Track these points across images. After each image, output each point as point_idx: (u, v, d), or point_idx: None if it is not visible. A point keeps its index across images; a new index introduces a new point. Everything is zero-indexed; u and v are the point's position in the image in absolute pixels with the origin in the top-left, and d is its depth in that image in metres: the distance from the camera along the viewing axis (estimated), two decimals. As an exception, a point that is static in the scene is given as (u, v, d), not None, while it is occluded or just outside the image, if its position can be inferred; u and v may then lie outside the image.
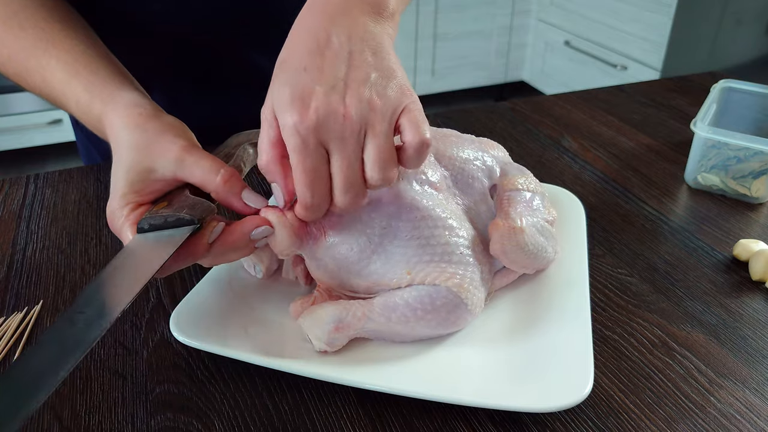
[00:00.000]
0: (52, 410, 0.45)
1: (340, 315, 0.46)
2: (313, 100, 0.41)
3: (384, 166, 0.42)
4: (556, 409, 0.41)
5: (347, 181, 0.42)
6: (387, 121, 0.42)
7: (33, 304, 0.55)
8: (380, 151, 0.42)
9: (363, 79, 0.42)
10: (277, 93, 0.42)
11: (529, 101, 0.96)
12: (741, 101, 0.78)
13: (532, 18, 2.95)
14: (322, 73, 0.42)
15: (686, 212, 0.68)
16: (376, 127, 0.42)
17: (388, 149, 0.42)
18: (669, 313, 0.53)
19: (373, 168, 0.42)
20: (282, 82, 0.42)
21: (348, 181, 0.42)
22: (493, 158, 0.56)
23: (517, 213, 0.52)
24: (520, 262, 0.52)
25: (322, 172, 0.42)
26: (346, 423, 0.44)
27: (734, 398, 0.45)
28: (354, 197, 0.43)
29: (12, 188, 0.72)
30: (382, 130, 0.42)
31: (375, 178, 0.42)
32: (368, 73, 0.42)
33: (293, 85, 0.42)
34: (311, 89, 0.41)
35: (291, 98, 0.41)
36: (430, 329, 0.47)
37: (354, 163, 0.42)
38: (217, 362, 0.48)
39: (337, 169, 0.42)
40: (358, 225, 0.48)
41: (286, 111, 0.41)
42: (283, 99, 0.42)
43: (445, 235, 0.48)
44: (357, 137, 0.41)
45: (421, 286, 0.46)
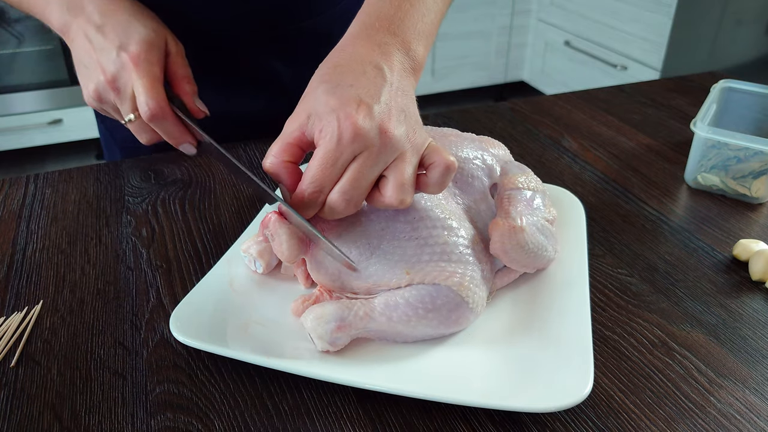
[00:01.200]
0: (52, 410, 0.45)
1: (343, 314, 0.46)
2: (362, 110, 0.43)
3: (405, 190, 0.45)
4: (556, 409, 0.41)
5: (352, 186, 0.44)
6: (417, 155, 0.45)
7: (33, 304, 0.55)
8: (407, 176, 0.45)
9: (403, 111, 0.46)
10: (322, 99, 0.45)
11: (529, 101, 0.96)
12: (741, 101, 0.78)
13: (532, 18, 2.95)
14: (370, 93, 0.45)
15: (686, 212, 0.68)
16: (406, 155, 0.45)
17: (411, 176, 0.45)
18: (669, 313, 0.53)
19: (395, 189, 0.44)
20: (327, 91, 0.45)
21: (353, 186, 0.44)
22: (493, 157, 0.56)
23: (517, 212, 0.52)
24: (521, 261, 0.52)
25: (334, 174, 0.44)
26: (346, 423, 0.44)
27: (734, 398, 0.45)
28: (347, 204, 0.45)
29: (12, 188, 0.72)
30: (412, 160, 0.45)
31: (393, 198, 0.45)
32: (406, 110, 0.46)
33: (341, 96, 0.44)
34: (360, 101, 0.44)
35: (340, 104, 0.44)
36: (432, 329, 0.47)
37: (367, 176, 0.44)
38: (217, 362, 0.48)
39: (351, 173, 0.44)
40: (357, 227, 0.48)
41: (332, 114, 0.44)
42: (331, 104, 0.44)
43: (444, 234, 0.48)
44: (386, 158, 0.44)
45: (421, 286, 0.46)
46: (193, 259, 0.60)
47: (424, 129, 0.48)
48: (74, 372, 0.48)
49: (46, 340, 0.51)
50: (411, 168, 0.45)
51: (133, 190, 0.72)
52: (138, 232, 0.64)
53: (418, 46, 0.51)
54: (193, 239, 0.63)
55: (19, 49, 2.30)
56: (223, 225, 0.65)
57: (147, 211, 0.68)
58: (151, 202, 0.69)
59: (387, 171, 0.45)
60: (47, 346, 0.50)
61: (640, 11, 2.32)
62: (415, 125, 0.46)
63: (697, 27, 2.21)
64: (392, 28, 0.50)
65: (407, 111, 0.46)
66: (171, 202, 0.69)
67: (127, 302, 0.55)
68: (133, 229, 0.65)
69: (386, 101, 0.45)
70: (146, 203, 0.69)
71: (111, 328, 0.52)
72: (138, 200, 0.70)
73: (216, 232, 0.64)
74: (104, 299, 0.55)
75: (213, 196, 0.70)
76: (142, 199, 0.70)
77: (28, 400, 0.46)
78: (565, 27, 2.74)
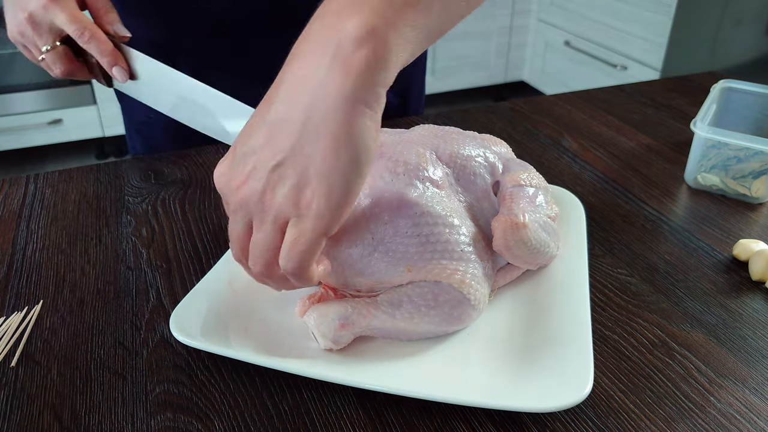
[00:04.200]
0: (52, 410, 0.45)
1: (346, 312, 0.46)
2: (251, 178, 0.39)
3: (290, 258, 0.40)
4: (556, 409, 0.41)
5: (255, 251, 0.42)
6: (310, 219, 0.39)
7: (33, 304, 0.55)
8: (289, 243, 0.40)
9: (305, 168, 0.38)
10: (236, 143, 0.41)
11: (529, 101, 0.96)
12: (741, 101, 0.78)
13: (532, 18, 2.95)
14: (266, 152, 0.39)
15: (686, 212, 0.68)
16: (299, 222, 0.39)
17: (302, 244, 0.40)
18: (669, 313, 0.53)
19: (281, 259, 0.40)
20: (239, 136, 0.41)
21: (257, 251, 0.41)
22: (495, 154, 0.56)
23: (519, 209, 0.52)
24: (523, 257, 0.52)
25: (243, 237, 0.42)
26: (346, 423, 0.44)
27: (734, 398, 0.45)
28: (261, 269, 0.42)
29: (12, 188, 0.72)
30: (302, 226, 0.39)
31: (282, 266, 0.41)
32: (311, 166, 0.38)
33: (232, 155, 0.41)
34: (250, 166, 0.39)
35: (229, 166, 0.41)
36: (434, 326, 0.47)
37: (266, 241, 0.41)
38: (217, 362, 0.48)
39: (252, 241, 0.42)
40: (360, 223, 0.48)
41: (222, 175, 0.41)
42: (222, 164, 0.42)
43: (446, 232, 0.48)
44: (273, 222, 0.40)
45: (423, 283, 0.47)
46: (193, 259, 0.60)
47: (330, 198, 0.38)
48: (74, 372, 0.48)
49: (46, 340, 0.51)
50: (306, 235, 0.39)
51: (133, 190, 0.72)
52: (138, 232, 0.64)
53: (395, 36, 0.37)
54: (193, 239, 0.63)
55: (19, 49, 2.30)
56: (223, 225, 0.65)
57: (147, 211, 0.68)
58: (151, 202, 0.69)
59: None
60: (47, 346, 0.50)
61: (640, 11, 2.32)
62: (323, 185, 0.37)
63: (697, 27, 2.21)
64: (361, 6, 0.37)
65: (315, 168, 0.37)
66: (171, 202, 0.69)
67: (127, 302, 0.55)
68: (133, 229, 0.65)
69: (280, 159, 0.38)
70: (146, 203, 0.69)
71: (111, 328, 0.52)
72: (138, 200, 0.70)
73: (216, 232, 0.64)
74: (104, 299, 0.55)
75: (213, 196, 0.70)
76: (142, 199, 0.70)
77: (28, 400, 0.46)
78: (565, 27, 2.74)
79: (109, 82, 0.65)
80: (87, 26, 0.60)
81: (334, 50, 0.36)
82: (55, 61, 0.63)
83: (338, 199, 0.38)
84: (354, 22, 0.36)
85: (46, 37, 0.62)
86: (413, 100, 0.95)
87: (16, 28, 0.63)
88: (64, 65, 0.63)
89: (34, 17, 0.60)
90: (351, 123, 0.36)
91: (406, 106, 0.94)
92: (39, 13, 0.60)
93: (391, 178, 0.48)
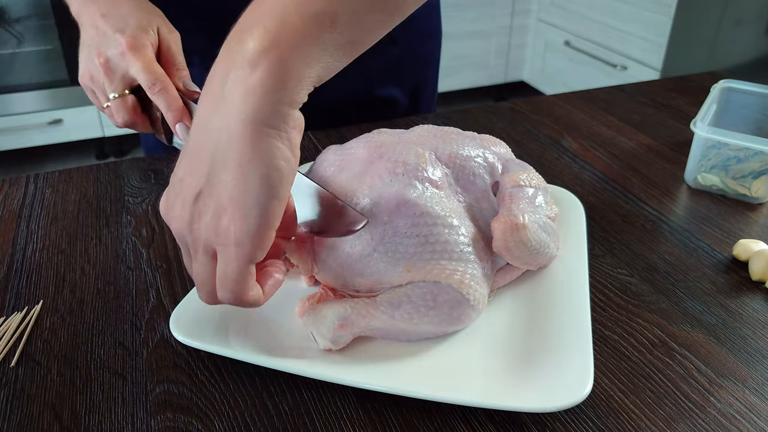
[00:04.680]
0: (52, 410, 0.45)
1: (345, 312, 0.46)
2: (180, 209, 0.40)
3: (225, 287, 0.40)
4: (556, 409, 0.41)
5: (196, 281, 0.42)
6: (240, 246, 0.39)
7: (33, 304, 0.55)
8: (224, 273, 0.40)
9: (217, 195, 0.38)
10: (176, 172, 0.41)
11: (529, 101, 0.96)
12: (741, 101, 0.78)
13: (532, 18, 2.95)
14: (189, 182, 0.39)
15: (686, 212, 0.68)
16: (225, 250, 0.39)
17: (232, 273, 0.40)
18: (669, 313, 0.53)
19: (218, 286, 0.41)
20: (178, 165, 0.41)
21: (197, 281, 0.42)
22: (494, 155, 0.56)
23: (519, 209, 0.52)
24: (523, 258, 0.52)
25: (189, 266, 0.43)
26: (346, 423, 0.44)
27: (734, 398, 0.45)
28: (206, 297, 0.42)
29: (12, 188, 0.72)
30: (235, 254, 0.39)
31: (220, 295, 0.41)
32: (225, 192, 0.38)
33: (170, 183, 0.41)
34: (179, 197, 0.40)
35: (166, 195, 0.42)
36: (434, 326, 0.47)
37: (202, 271, 0.41)
38: (217, 362, 0.48)
39: (192, 271, 0.42)
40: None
41: (162, 204, 0.42)
42: (164, 194, 0.42)
43: (445, 233, 0.48)
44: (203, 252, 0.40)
45: (422, 283, 0.47)
46: (193, 259, 0.60)
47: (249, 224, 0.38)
48: (74, 372, 0.48)
49: (46, 340, 0.51)
50: (231, 264, 0.39)
51: (133, 190, 0.72)
52: (138, 232, 0.64)
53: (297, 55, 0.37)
54: (193, 239, 0.63)
55: (19, 49, 2.30)
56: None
57: (147, 211, 0.68)
58: (151, 202, 0.69)
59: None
60: (47, 346, 0.50)
61: (640, 11, 2.31)
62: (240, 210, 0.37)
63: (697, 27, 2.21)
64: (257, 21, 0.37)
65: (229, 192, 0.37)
66: (171, 202, 0.69)
67: (127, 302, 0.55)
68: (133, 229, 0.65)
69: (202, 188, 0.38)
70: (146, 203, 0.69)
71: (111, 328, 0.52)
72: (138, 200, 0.70)
73: (216, 232, 0.64)
74: (104, 299, 0.55)
75: (213, 196, 0.70)
76: (142, 199, 0.70)
77: (28, 400, 0.46)
78: (565, 27, 2.74)
79: (169, 138, 0.62)
80: (160, 78, 0.58)
81: (232, 73, 0.36)
82: (119, 109, 0.61)
83: (255, 224, 0.37)
84: (249, 44, 0.36)
85: (116, 85, 0.60)
86: (425, 99, 0.96)
87: (88, 72, 0.61)
88: (127, 115, 0.61)
89: (109, 63, 0.59)
90: (255, 146, 0.36)
91: (417, 105, 0.95)
92: (116, 59, 0.58)
93: (390, 178, 0.48)
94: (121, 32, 0.59)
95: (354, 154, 0.52)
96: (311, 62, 0.37)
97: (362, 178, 0.49)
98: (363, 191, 0.48)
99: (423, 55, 0.92)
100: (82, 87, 0.63)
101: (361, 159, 0.51)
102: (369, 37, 0.40)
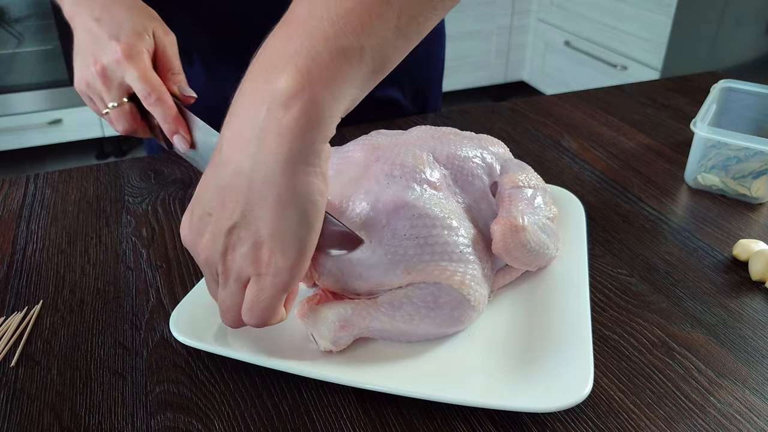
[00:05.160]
0: (52, 410, 0.45)
1: (345, 314, 0.46)
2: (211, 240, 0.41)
3: (253, 313, 0.42)
4: (556, 409, 0.41)
5: (223, 306, 0.44)
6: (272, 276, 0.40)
7: (33, 304, 0.55)
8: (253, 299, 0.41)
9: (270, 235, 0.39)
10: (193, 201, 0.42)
11: (528, 101, 0.96)
12: (741, 101, 0.78)
13: (532, 18, 2.95)
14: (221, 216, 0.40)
15: (686, 212, 0.68)
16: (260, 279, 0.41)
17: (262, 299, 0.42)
18: (669, 313, 0.53)
19: (244, 311, 0.42)
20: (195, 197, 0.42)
21: (224, 307, 0.44)
22: (492, 155, 0.56)
23: (519, 211, 0.52)
24: (523, 259, 0.52)
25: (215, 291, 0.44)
26: (346, 423, 0.44)
27: (734, 398, 0.45)
28: (232, 322, 0.44)
29: (12, 188, 0.72)
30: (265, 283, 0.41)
31: (245, 318, 0.43)
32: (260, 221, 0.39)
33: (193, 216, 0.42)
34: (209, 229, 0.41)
35: (189, 228, 0.42)
36: (434, 327, 0.47)
37: (232, 298, 0.43)
38: (217, 362, 0.48)
39: (219, 297, 0.44)
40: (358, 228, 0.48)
41: (186, 237, 0.43)
42: (184, 224, 0.43)
43: (444, 234, 0.48)
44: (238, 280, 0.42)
45: (423, 284, 0.47)
46: (193, 259, 0.60)
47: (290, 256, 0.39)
48: (74, 372, 0.48)
49: (46, 340, 0.51)
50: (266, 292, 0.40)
51: (133, 190, 0.72)
52: (138, 232, 0.64)
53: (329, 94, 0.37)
54: (193, 239, 0.63)
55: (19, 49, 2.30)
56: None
57: (147, 211, 0.68)
58: (151, 202, 0.69)
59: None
60: (47, 346, 0.50)
61: (640, 11, 2.31)
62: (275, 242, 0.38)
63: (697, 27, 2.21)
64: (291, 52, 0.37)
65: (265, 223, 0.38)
66: (171, 202, 0.69)
67: (127, 302, 0.55)
68: (133, 229, 0.65)
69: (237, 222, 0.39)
70: (146, 203, 0.69)
71: (111, 328, 0.52)
72: (138, 200, 0.70)
73: (216, 232, 0.64)
74: (104, 299, 0.55)
75: (213, 196, 0.70)
76: (142, 199, 0.70)
77: (28, 400, 0.46)
78: (565, 27, 2.74)
79: (169, 144, 0.61)
80: (155, 87, 0.57)
81: (264, 114, 0.36)
82: (119, 117, 0.60)
83: (294, 256, 0.39)
84: (280, 84, 0.36)
85: (114, 93, 0.59)
86: (432, 100, 0.96)
87: (84, 79, 0.60)
88: (127, 123, 0.60)
89: (105, 70, 0.58)
90: (293, 184, 0.37)
91: (423, 106, 0.95)
92: (112, 67, 0.58)
93: (387, 181, 0.48)
94: (116, 39, 0.58)
95: (351, 158, 0.52)
96: (340, 98, 0.38)
97: (359, 182, 0.49)
98: (360, 195, 0.48)
99: (425, 57, 0.92)
100: (78, 93, 0.62)
101: (358, 162, 0.51)
102: (391, 65, 0.40)
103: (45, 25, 2.30)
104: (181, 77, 0.62)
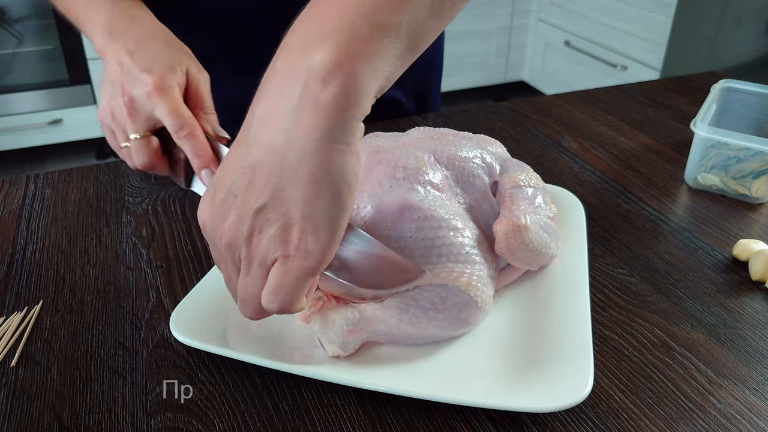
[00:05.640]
0: (52, 410, 0.45)
1: (353, 318, 0.46)
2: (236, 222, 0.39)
3: (274, 296, 0.40)
4: (556, 409, 0.41)
5: (243, 295, 0.42)
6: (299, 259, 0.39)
7: (33, 304, 0.55)
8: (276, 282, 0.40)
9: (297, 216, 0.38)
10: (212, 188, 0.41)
11: (528, 101, 0.96)
12: (741, 101, 0.78)
13: (532, 18, 2.95)
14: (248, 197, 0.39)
15: (686, 212, 0.68)
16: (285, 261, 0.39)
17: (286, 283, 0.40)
18: (669, 313, 0.53)
19: (264, 294, 0.40)
20: (216, 180, 0.41)
21: (245, 295, 0.42)
22: (492, 155, 0.56)
23: (520, 210, 0.52)
24: (525, 259, 0.52)
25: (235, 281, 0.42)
26: (346, 423, 0.44)
27: (734, 398, 0.45)
28: (251, 312, 0.42)
29: (12, 188, 0.72)
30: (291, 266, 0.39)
31: (264, 301, 0.41)
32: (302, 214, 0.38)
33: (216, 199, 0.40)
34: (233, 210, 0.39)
35: (210, 211, 0.41)
36: (441, 329, 0.47)
37: (255, 284, 0.41)
38: (217, 362, 0.48)
39: (240, 285, 0.42)
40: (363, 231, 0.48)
41: (206, 220, 0.41)
42: (203, 209, 0.41)
43: (450, 235, 0.48)
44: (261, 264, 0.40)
45: (429, 287, 0.46)
46: (193, 259, 0.60)
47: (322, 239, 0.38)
48: (74, 372, 0.48)
49: (46, 340, 0.51)
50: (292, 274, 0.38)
51: (133, 190, 0.72)
52: (138, 232, 0.64)
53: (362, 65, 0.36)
54: (193, 239, 0.63)
55: (19, 49, 2.31)
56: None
57: (147, 211, 0.68)
58: (151, 202, 0.69)
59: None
60: (47, 346, 0.50)
61: (640, 11, 2.32)
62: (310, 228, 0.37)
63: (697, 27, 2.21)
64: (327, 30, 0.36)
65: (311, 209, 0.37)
66: (171, 202, 0.69)
67: (127, 302, 0.55)
68: (133, 229, 0.65)
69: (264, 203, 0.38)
70: (146, 203, 0.69)
71: (111, 328, 0.52)
72: (138, 200, 0.70)
73: (216, 232, 0.64)
74: (104, 299, 0.55)
75: (213, 196, 0.70)
76: (142, 199, 0.70)
77: (28, 400, 0.46)
78: (565, 27, 2.74)
79: (188, 182, 0.59)
80: (187, 122, 0.55)
81: (301, 90, 0.36)
82: (139, 151, 0.57)
83: (326, 236, 0.38)
84: (318, 59, 0.35)
85: (139, 125, 0.57)
86: (431, 100, 0.96)
87: (110, 109, 0.58)
88: (147, 157, 0.58)
89: (134, 102, 0.56)
90: (328, 163, 0.36)
91: (423, 106, 0.95)
92: (141, 99, 0.55)
93: (390, 184, 0.48)
94: (148, 71, 0.56)
95: None
96: (377, 74, 0.37)
97: (362, 186, 0.49)
98: (364, 198, 0.48)
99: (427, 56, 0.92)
100: (100, 124, 0.59)
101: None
102: (424, 44, 0.40)
103: (45, 25, 2.30)
104: (213, 116, 0.60)
